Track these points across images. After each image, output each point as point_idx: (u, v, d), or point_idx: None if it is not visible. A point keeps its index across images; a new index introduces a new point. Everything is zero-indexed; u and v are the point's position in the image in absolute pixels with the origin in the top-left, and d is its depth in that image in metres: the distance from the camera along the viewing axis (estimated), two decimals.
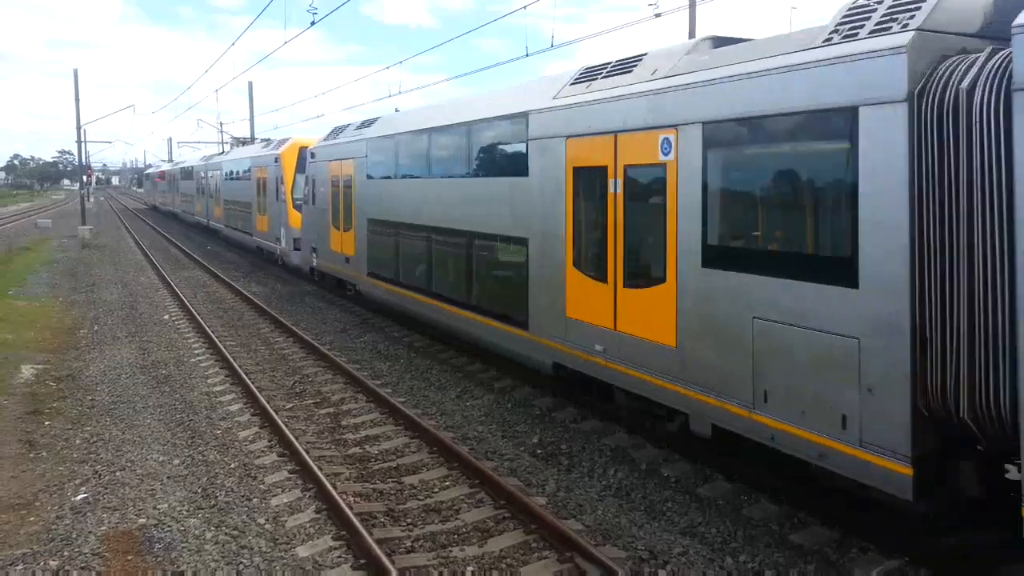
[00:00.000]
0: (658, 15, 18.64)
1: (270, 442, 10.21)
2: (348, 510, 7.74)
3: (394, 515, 8.01)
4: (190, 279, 26.68)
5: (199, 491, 8.68)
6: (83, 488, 8.82)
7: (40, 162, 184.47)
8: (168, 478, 9.08)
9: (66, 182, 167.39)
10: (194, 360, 14.90)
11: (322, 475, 8.68)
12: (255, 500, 8.46)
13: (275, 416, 10.84)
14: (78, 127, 43.34)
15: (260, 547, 7.36)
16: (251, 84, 52.06)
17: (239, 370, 13.44)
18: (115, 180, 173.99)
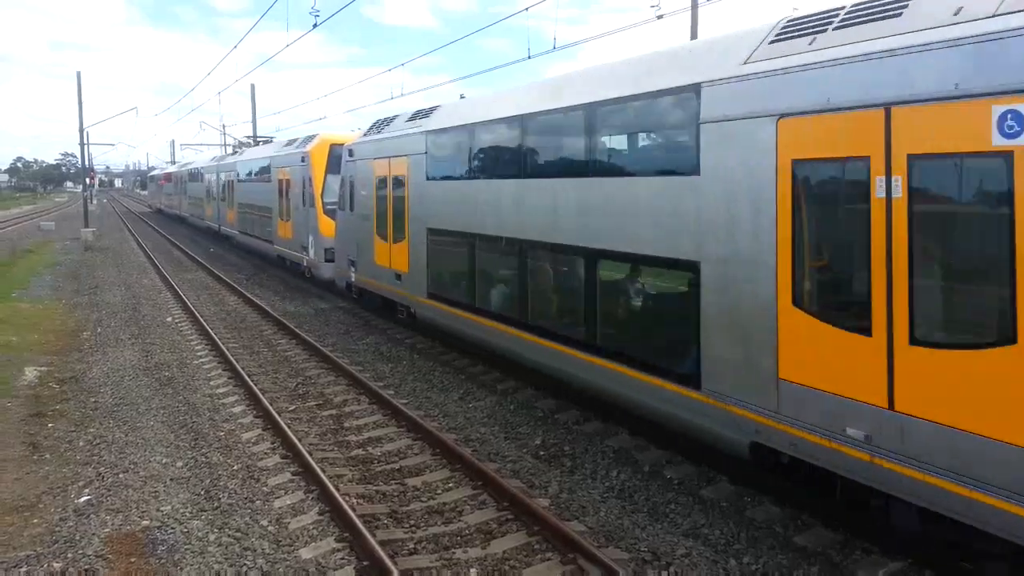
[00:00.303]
0: (660, 17, 18.70)
1: (273, 444, 10.22)
2: (351, 512, 7.75)
3: (397, 517, 8.01)
4: (192, 281, 26.70)
5: (202, 493, 8.70)
6: (86, 490, 8.83)
7: (43, 164, 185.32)
8: (171, 480, 9.09)
9: (69, 184, 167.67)
10: (197, 362, 14.93)
11: (325, 477, 8.69)
12: (258, 502, 8.47)
13: (278, 418, 10.86)
14: (81, 129, 43.44)
15: (263, 549, 7.37)
16: (253, 87, 52.35)
17: (242, 372, 13.48)
18: (118, 183, 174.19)
